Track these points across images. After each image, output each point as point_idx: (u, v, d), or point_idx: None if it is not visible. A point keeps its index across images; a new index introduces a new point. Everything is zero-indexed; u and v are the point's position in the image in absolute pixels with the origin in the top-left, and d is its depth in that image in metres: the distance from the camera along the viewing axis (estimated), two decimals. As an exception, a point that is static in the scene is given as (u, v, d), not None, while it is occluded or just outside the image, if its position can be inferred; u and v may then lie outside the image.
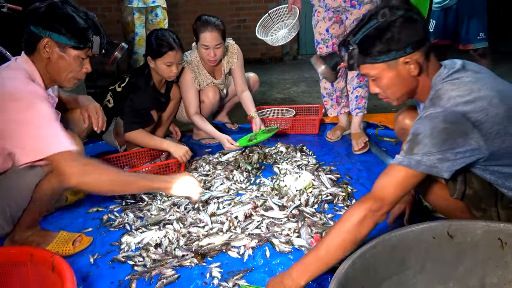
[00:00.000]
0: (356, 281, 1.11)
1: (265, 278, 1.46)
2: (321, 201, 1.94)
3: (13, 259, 1.27)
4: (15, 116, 1.33)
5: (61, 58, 1.48)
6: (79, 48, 1.49)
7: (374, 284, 1.17)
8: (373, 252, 1.16)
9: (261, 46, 6.36)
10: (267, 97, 4.34)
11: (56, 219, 1.96)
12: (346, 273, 1.08)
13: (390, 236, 1.20)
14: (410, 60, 1.24)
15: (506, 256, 1.18)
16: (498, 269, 1.19)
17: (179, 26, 5.93)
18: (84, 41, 1.49)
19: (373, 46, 1.24)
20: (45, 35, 1.44)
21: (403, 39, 1.21)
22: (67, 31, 1.45)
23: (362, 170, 2.29)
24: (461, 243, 1.21)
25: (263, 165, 2.42)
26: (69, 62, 1.49)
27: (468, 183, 1.36)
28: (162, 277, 1.49)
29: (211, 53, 2.59)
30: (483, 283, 1.20)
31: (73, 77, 1.55)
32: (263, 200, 1.94)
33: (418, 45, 1.23)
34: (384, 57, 1.24)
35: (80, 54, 1.51)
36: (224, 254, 1.62)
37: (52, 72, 1.51)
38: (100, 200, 2.14)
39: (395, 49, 1.22)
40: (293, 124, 3.00)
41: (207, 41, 2.56)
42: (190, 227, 1.77)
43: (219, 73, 2.87)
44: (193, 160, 2.56)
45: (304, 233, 1.66)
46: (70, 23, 1.46)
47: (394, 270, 1.20)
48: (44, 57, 1.47)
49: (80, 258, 1.66)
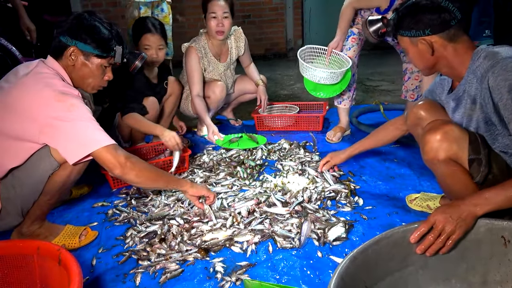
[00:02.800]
0: (357, 276, 1.12)
1: (267, 273, 1.48)
2: (324, 197, 1.95)
3: (20, 252, 1.29)
4: (59, 114, 1.42)
5: (85, 65, 1.58)
6: (102, 57, 1.59)
7: (376, 280, 1.17)
8: (375, 248, 1.17)
9: (266, 42, 6.36)
10: (271, 93, 4.34)
11: (62, 213, 1.99)
12: (347, 268, 1.09)
13: (393, 232, 1.20)
14: (425, 41, 1.38)
15: (509, 254, 1.18)
16: (501, 266, 1.19)
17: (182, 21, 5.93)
18: (107, 50, 1.59)
19: (401, 21, 1.42)
20: (72, 44, 1.54)
21: (423, 22, 1.36)
22: (92, 41, 1.55)
23: (365, 167, 2.30)
24: (465, 240, 1.21)
25: (267, 161, 2.44)
26: (92, 70, 1.59)
27: (490, 167, 1.39)
28: (166, 271, 1.51)
29: (219, 22, 2.64)
30: (485, 280, 1.21)
31: (96, 84, 1.65)
32: (266, 196, 1.95)
33: (437, 30, 1.35)
34: (408, 32, 1.41)
35: (103, 63, 1.60)
36: (227, 249, 1.63)
37: (76, 78, 1.60)
38: (105, 194, 2.16)
39: (415, 29, 1.38)
40: (297, 121, 3.00)
41: (215, 9, 2.62)
42: (194, 222, 1.79)
43: (225, 56, 2.91)
44: (197, 156, 2.57)
45: (306, 229, 1.67)
46: (95, 34, 1.56)
47: (396, 266, 1.21)
48: (69, 64, 1.56)
49: (86, 252, 1.68)
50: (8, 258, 1.29)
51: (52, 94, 1.43)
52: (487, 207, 1.19)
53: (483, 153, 1.36)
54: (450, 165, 1.40)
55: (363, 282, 1.14)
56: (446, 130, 1.38)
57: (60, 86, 1.47)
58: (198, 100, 2.71)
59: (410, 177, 2.16)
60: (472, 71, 1.34)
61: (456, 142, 1.37)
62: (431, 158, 1.41)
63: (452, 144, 1.37)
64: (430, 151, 1.40)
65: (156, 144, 2.56)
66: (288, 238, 1.66)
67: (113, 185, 2.19)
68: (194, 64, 2.74)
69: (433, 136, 1.39)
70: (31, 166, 1.50)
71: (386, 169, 2.27)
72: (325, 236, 1.65)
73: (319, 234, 1.66)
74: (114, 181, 2.19)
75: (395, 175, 2.20)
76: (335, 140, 2.73)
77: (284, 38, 6.46)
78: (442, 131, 1.38)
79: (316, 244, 1.62)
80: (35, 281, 1.30)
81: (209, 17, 2.67)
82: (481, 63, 1.31)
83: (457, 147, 1.37)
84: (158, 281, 1.48)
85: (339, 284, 1.04)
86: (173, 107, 2.77)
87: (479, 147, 1.37)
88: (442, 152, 1.38)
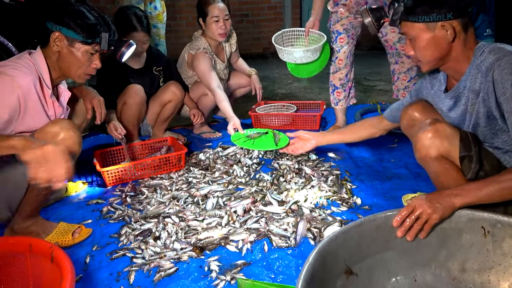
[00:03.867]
0: (337, 254, 1.16)
1: (262, 272, 1.47)
2: (320, 197, 1.94)
3: (12, 249, 1.27)
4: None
5: (70, 52, 1.54)
6: (87, 43, 1.54)
7: (356, 259, 1.21)
8: (357, 230, 1.21)
9: (264, 41, 6.35)
10: (269, 92, 4.33)
11: (56, 210, 1.97)
12: (327, 245, 1.13)
13: (376, 216, 1.24)
14: (447, 25, 1.30)
15: (488, 244, 1.22)
16: (480, 255, 1.23)
17: (181, 19, 5.92)
18: (93, 36, 1.54)
19: (418, 5, 1.32)
20: (56, 29, 1.51)
21: (446, 4, 1.29)
22: (76, 26, 1.51)
23: (362, 167, 2.29)
24: (446, 228, 1.25)
25: (263, 160, 2.43)
26: (77, 57, 1.55)
27: (481, 164, 1.39)
28: (160, 270, 1.50)
29: (222, 25, 2.64)
30: (464, 268, 1.24)
31: (83, 72, 1.60)
32: (262, 195, 1.94)
33: (459, 14, 1.29)
34: (425, 17, 1.31)
35: (88, 49, 1.56)
36: (222, 248, 1.62)
37: (62, 67, 1.56)
38: (100, 192, 2.15)
39: (437, 12, 1.30)
40: (294, 119, 2.99)
41: (216, 12, 2.61)
42: (189, 221, 1.78)
43: (223, 56, 2.92)
44: (193, 154, 2.56)
45: (302, 228, 1.66)
46: (79, 18, 1.52)
47: (378, 249, 1.24)
48: (54, 50, 1.52)
49: (80, 249, 1.67)
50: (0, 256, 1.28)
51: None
52: (467, 199, 1.23)
53: (474, 150, 1.37)
54: (442, 163, 1.41)
55: (343, 260, 1.18)
56: (437, 128, 1.39)
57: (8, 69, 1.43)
58: (219, 91, 2.58)
59: (407, 177, 2.16)
60: (476, 66, 1.33)
61: (447, 139, 1.38)
62: (423, 156, 1.42)
63: (443, 141, 1.38)
64: (422, 149, 1.41)
65: (152, 141, 2.55)
66: (284, 237, 1.65)
67: (108, 183, 2.18)
68: (207, 63, 2.70)
69: (424, 134, 1.40)
70: (15, 161, 1.45)
71: (383, 169, 2.26)
72: (321, 235, 1.64)
73: (315, 234, 1.65)
74: (109, 179, 2.17)
75: (392, 175, 2.19)
76: None
77: (282, 37, 6.46)
78: (433, 129, 1.39)
79: (312, 244, 1.61)
80: (28, 278, 1.28)
81: (211, 21, 2.65)
82: (486, 57, 1.29)
83: (449, 144, 1.38)
84: (152, 279, 1.46)
85: (317, 259, 1.08)
86: (171, 113, 2.72)
87: (470, 144, 1.38)
88: (434, 149, 1.39)
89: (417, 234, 1.23)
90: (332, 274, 1.14)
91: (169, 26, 3.58)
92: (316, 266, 1.07)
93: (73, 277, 1.09)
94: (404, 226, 1.22)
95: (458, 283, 1.23)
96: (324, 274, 1.11)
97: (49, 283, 1.21)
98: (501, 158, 1.41)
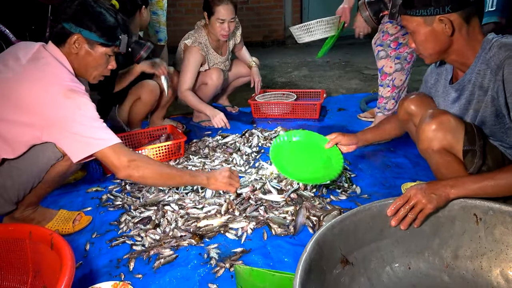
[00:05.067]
0: (333, 243, 1.18)
1: (261, 260, 1.48)
2: (319, 185, 1.94)
3: (11, 236, 1.28)
4: (66, 113, 1.37)
5: (88, 54, 1.52)
6: (107, 46, 1.53)
7: (352, 249, 1.22)
8: (353, 219, 1.23)
9: (264, 28, 6.29)
10: (268, 80, 4.31)
11: (56, 198, 1.97)
12: (324, 234, 1.15)
13: (371, 206, 1.26)
14: (445, 19, 1.28)
15: (480, 231, 1.24)
16: (472, 242, 1.25)
17: (180, 6, 5.85)
18: (113, 39, 1.54)
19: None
20: (76, 31, 1.47)
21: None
22: (98, 29, 1.49)
23: (361, 156, 2.29)
24: (439, 216, 1.27)
25: (263, 148, 2.42)
26: (96, 58, 1.54)
27: (484, 159, 1.38)
28: (160, 257, 1.51)
29: (226, 27, 2.60)
30: (456, 255, 1.26)
31: (99, 73, 1.60)
32: (262, 183, 1.94)
33: (458, 6, 1.27)
34: (422, 11, 1.30)
35: (107, 51, 1.55)
36: (222, 235, 1.63)
37: (78, 67, 1.54)
38: (100, 179, 2.15)
39: (434, 6, 1.28)
40: (294, 108, 2.98)
41: (223, 15, 2.56)
42: (189, 209, 1.78)
43: (225, 49, 2.88)
44: (192, 142, 2.56)
45: (301, 216, 1.67)
46: (101, 21, 1.50)
47: (373, 238, 1.26)
48: (72, 52, 1.50)
49: (80, 237, 1.67)
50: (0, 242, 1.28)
51: (60, 91, 1.38)
52: (461, 192, 1.24)
53: (478, 145, 1.35)
54: (444, 155, 1.40)
55: (339, 249, 1.19)
56: (441, 120, 1.36)
57: (69, 81, 1.42)
58: (189, 94, 2.66)
59: (406, 166, 2.16)
60: (485, 62, 1.30)
61: (451, 132, 1.35)
62: (426, 148, 1.40)
63: (447, 134, 1.35)
64: (424, 141, 1.39)
65: (151, 129, 2.54)
66: (283, 225, 1.66)
67: (107, 170, 2.18)
68: (192, 62, 2.68)
69: (428, 126, 1.37)
70: (34, 154, 1.47)
71: (382, 158, 2.26)
72: (320, 223, 1.65)
73: (314, 222, 1.66)
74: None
75: (391, 163, 2.19)
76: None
77: (282, 25, 6.39)
78: (437, 121, 1.36)
79: (311, 232, 1.62)
80: (28, 265, 1.29)
81: (216, 21, 2.59)
82: (495, 53, 1.26)
83: (452, 138, 1.36)
84: (152, 266, 1.47)
85: (314, 248, 1.09)
86: (169, 99, 2.72)
87: (474, 138, 1.35)
88: (437, 142, 1.37)
89: (411, 223, 1.24)
90: (329, 264, 1.16)
91: (169, 13, 3.51)
92: (313, 256, 1.08)
93: (73, 264, 1.10)
94: (398, 216, 1.23)
95: (451, 270, 1.26)
96: (322, 263, 1.12)
97: (49, 270, 1.22)
98: (505, 152, 1.40)
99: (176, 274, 1.44)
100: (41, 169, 1.51)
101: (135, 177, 1.47)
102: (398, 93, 2.39)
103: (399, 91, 2.39)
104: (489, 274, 1.22)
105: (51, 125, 1.37)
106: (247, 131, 2.61)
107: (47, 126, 1.38)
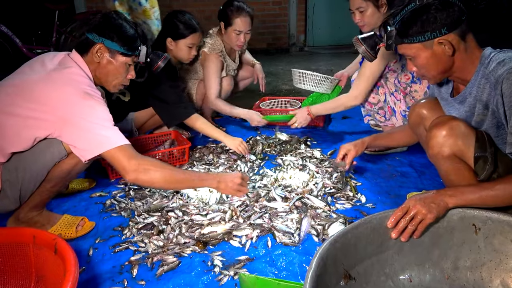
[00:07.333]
0: (337, 258, 1.16)
1: (266, 268, 1.47)
2: (324, 193, 1.93)
3: (15, 240, 1.27)
4: (79, 111, 1.43)
5: (110, 63, 1.60)
6: (127, 55, 1.61)
7: (354, 263, 1.21)
8: (355, 233, 1.21)
9: (268, 36, 6.32)
10: (273, 88, 4.32)
11: (59, 202, 1.97)
12: (328, 250, 1.13)
13: (371, 218, 1.25)
14: (444, 41, 1.29)
15: (479, 241, 1.24)
16: (472, 253, 1.24)
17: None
18: (133, 49, 1.63)
19: (410, 27, 1.31)
20: (99, 41, 1.56)
21: (438, 21, 1.27)
22: (119, 39, 1.58)
23: (366, 164, 2.28)
24: (438, 227, 1.26)
25: (267, 155, 2.42)
26: (116, 67, 1.61)
27: (495, 166, 1.37)
28: (163, 263, 1.50)
29: (242, 38, 2.64)
30: (457, 266, 1.25)
31: (119, 82, 1.67)
32: (266, 191, 1.93)
33: (453, 26, 1.27)
34: (420, 37, 1.30)
35: (127, 61, 1.63)
36: (225, 243, 1.62)
37: (99, 76, 1.62)
38: (103, 185, 2.14)
39: (430, 31, 1.28)
40: (298, 115, 2.97)
41: (241, 27, 2.60)
42: (193, 215, 1.77)
43: (234, 56, 2.92)
44: (197, 148, 2.55)
45: (306, 225, 1.66)
46: (122, 32, 1.59)
47: (374, 251, 1.25)
48: (95, 61, 1.58)
49: (83, 242, 1.67)
50: (3, 246, 1.28)
51: (76, 92, 1.44)
52: (460, 201, 1.24)
53: (489, 151, 1.34)
54: (455, 162, 1.39)
55: (342, 265, 1.18)
56: (452, 126, 1.35)
57: (86, 85, 1.49)
58: (219, 102, 2.69)
59: (411, 175, 2.15)
60: (485, 76, 1.30)
61: (461, 138, 1.35)
62: (436, 154, 1.39)
63: (457, 140, 1.35)
64: (435, 146, 1.38)
65: (156, 135, 2.54)
66: (287, 233, 1.64)
67: (111, 175, 2.17)
68: (216, 69, 2.69)
69: (438, 131, 1.37)
70: (39, 151, 1.49)
71: (387, 167, 2.25)
72: (324, 232, 1.64)
73: (318, 230, 1.64)
74: (113, 172, 2.17)
75: (396, 172, 2.18)
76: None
77: (286, 33, 6.42)
78: (448, 127, 1.36)
79: (316, 240, 1.60)
80: (31, 269, 1.28)
81: (232, 32, 2.62)
82: (494, 68, 1.27)
83: (463, 144, 1.35)
84: (155, 273, 1.46)
85: (319, 264, 1.08)
86: None
87: (485, 144, 1.35)
88: (447, 148, 1.36)
89: (411, 234, 1.23)
90: (332, 279, 1.14)
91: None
92: (318, 272, 1.06)
93: (76, 269, 1.09)
94: (399, 227, 1.22)
95: (452, 281, 1.25)
96: (326, 279, 1.10)
97: (52, 274, 1.21)
98: None
99: (179, 281, 1.42)
100: (44, 166, 1.52)
101: (143, 180, 1.48)
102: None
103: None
104: (490, 284, 1.21)
105: (64, 122, 1.43)
106: (251, 138, 2.61)
107: (60, 123, 1.43)
